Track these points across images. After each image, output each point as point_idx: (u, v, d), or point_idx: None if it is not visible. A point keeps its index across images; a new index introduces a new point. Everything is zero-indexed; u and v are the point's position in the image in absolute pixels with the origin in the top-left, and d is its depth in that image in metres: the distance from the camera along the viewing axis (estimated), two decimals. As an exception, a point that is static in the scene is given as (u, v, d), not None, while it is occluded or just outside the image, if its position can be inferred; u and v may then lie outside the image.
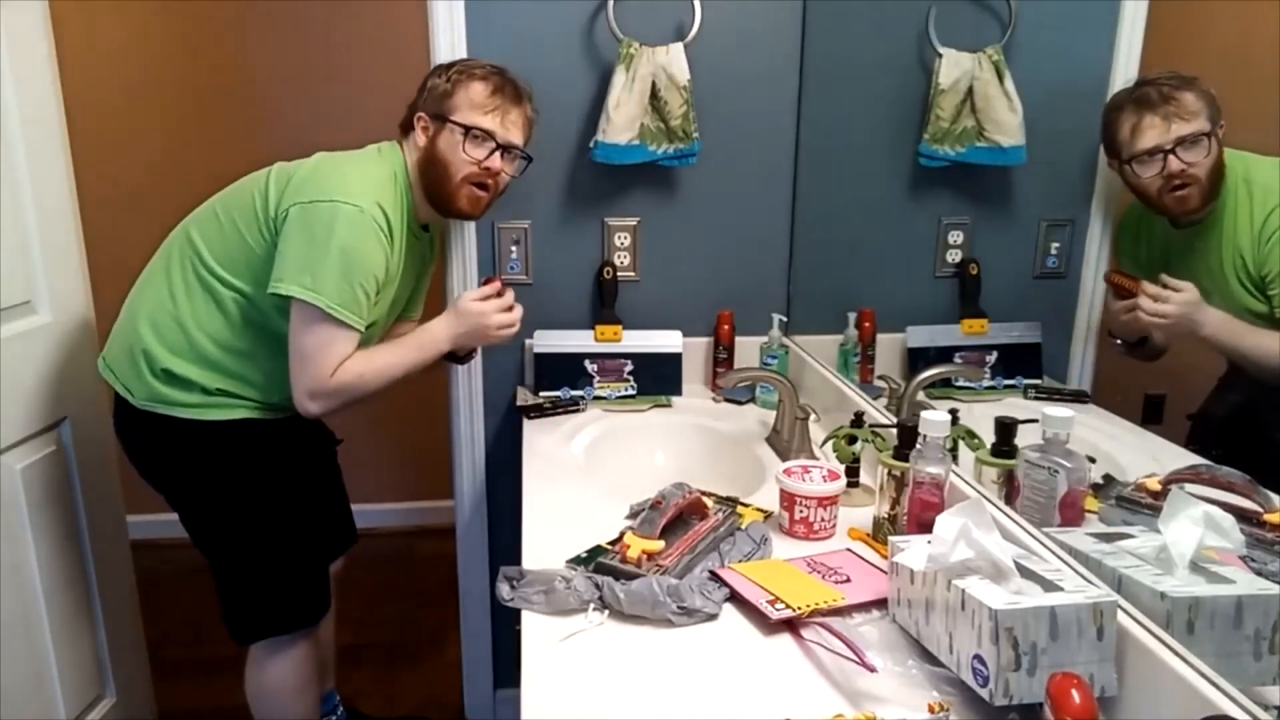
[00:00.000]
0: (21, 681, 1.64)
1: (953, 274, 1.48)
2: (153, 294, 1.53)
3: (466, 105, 1.51)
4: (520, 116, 1.56)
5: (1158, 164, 1.03)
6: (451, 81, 1.52)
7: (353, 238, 1.41)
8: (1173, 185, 1.03)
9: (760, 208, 1.93)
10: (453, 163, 1.51)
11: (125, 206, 2.78)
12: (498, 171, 1.54)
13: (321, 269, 1.40)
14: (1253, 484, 0.88)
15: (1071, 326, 1.21)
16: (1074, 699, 0.76)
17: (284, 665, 1.63)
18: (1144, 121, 1.03)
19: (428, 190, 1.55)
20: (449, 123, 1.51)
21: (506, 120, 1.53)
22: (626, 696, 0.92)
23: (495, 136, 1.51)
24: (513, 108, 1.54)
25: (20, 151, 1.62)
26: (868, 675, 0.92)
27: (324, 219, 1.41)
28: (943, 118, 1.54)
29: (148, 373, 1.51)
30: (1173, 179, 1.03)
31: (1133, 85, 1.06)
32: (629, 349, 1.89)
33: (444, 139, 1.51)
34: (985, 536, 0.92)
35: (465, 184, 1.53)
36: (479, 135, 1.51)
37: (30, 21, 1.65)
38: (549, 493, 1.42)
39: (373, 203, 1.43)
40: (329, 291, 1.41)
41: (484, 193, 1.55)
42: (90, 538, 1.81)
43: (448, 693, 2.24)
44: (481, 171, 1.52)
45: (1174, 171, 1.02)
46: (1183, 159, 1.01)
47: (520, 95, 1.56)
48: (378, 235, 1.44)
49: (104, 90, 2.74)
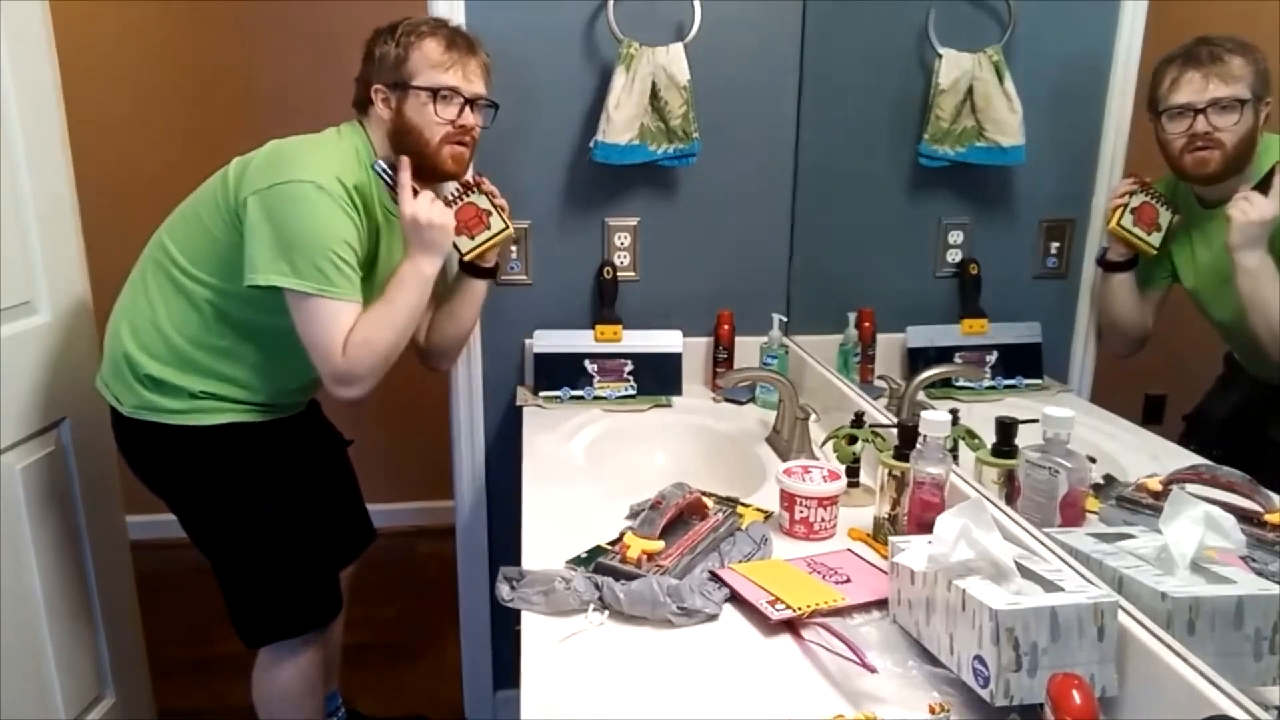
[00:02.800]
0: (21, 681, 1.64)
1: (953, 274, 1.48)
2: (131, 301, 1.54)
3: (425, 66, 1.47)
4: (478, 65, 1.52)
5: (1186, 121, 1.01)
6: (402, 45, 1.48)
7: (316, 214, 1.39)
8: (1195, 145, 1.01)
9: (760, 208, 1.93)
10: (426, 127, 1.48)
11: (125, 206, 2.78)
12: (472, 126, 1.52)
13: (294, 252, 1.38)
14: (1253, 484, 0.88)
15: (1072, 326, 1.21)
16: (1075, 699, 0.76)
17: (293, 669, 1.62)
18: (1184, 77, 1.01)
19: (414, 161, 1.50)
20: (411, 89, 1.47)
21: (468, 72, 1.49)
22: (626, 696, 0.92)
23: (461, 91, 1.48)
24: (470, 58, 1.50)
25: (20, 151, 1.61)
26: (868, 676, 0.92)
27: (284, 200, 1.39)
28: (943, 118, 1.54)
29: (133, 380, 1.51)
30: (1195, 139, 1.01)
31: (1191, 41, 1.03)
32: (629, 349, 1.89)
33: (410, 106, 1.48)
34: (986, 537, 0.92)
35: (444, 145, 1.50)
36: (446, 94, 1.47)
37: (30, 21, 1.65)
38: (549, 493, 1.42)
39: (332, 178, 1.40)
40: (307, 272, 1.38)
41: (464, 149, 1.53)
42: (90, 538, 1.81)
43: (448, 693, 2.24)
44: (457, 130, 1.49)
45: (1198, 131, 1.00)
46: (1212, 121, 0.99)
47: (473, 44, 1.53)
48: (343, 207, 1.41)
49: (104, 90, 2.74)
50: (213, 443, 1.53)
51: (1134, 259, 1.13)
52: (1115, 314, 1.17)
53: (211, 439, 1.53)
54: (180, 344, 1.50)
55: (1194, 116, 1.00)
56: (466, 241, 1.60)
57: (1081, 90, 1.20)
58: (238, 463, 1.56)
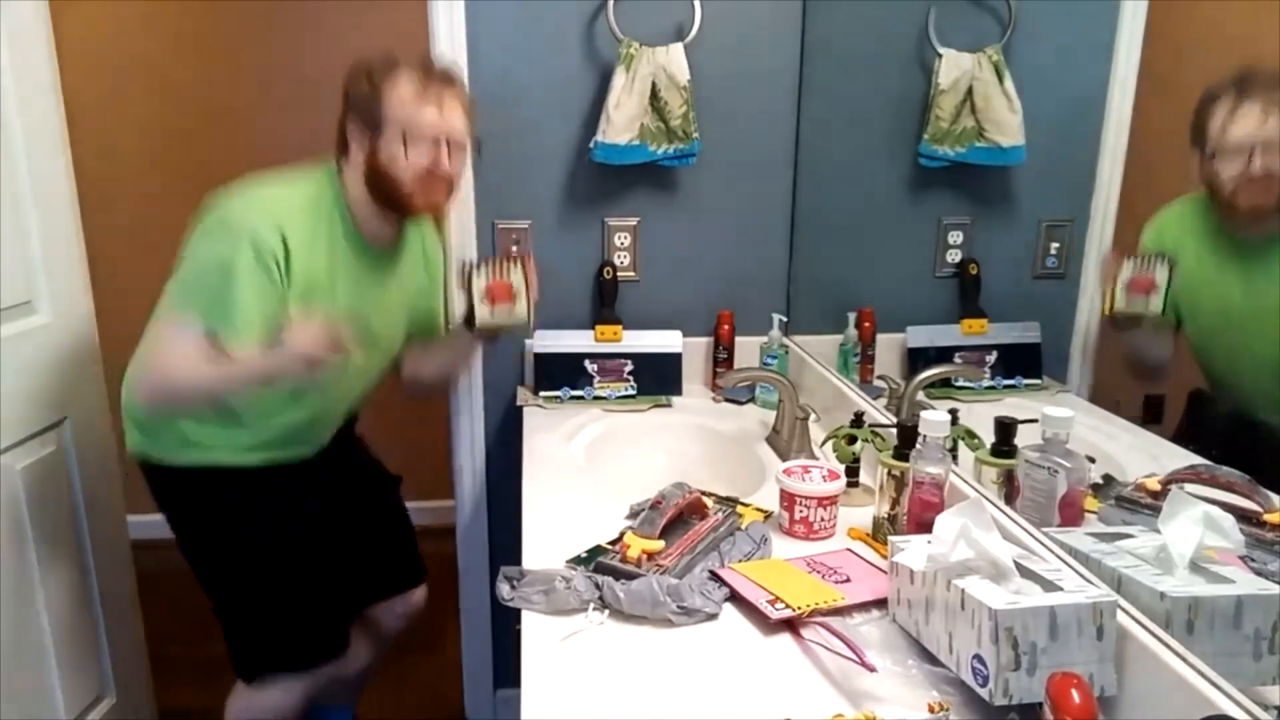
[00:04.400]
0: (22, 681, 1.64)
1: (953, 274, 1.48)
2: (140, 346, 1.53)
3: (399, 106, 1.39)
4: (456, 100, 1.43)
5: (1241, 160, 0.93)
6: (374, 85, 1.41)
7: (216, 250, 1.37)
8: (1253, 186, 0.93)
9: (760, 207, 1.94)
10: (398, 171, 1.40)
11: (125, 206, 2.78)
12: (447, 169, 1.43)
13: (192, 279, 1.39)
14: (1253, 484, 0.88)
15: (1071, 327, 1.21)
16: (1074, 699, 0.76)
17: (272, 696, 1.62)
18: (1240, 110, 0.93)
19: (386, 203, 1.45)
20: (383, 130, 1.40)
21: (444, 110, 1.41)
22: (626, 696, 0.92)
23: (438, 133, 1.40)
24: (446, 93, 1.41)
25: (20, 151, 1.61)
26: (868, 675, 0.92)
27: (199, 236, 1.39)
28: (942, 118, 1.54)
29: (129, 421, 1.55)
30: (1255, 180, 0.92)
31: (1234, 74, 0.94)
32: (629, 349, 1.89)
33: (383, 148, 1.40)
34: (985, 536, 0.92)
35: (417, 187, 1.42)
36: (419, 136, 1.39)
37: (30, 20, 1.65)
38: (549, 493, 1.42)
39: (257, 216, 1.37)
40: (184, 298, 1.39)
41: (441, 189, 1.45)
42: (90, 538, 1.81)
43: (448, 693, 2.24)
44: (430, 172, 1.41)
45: (1257, 173, 0.92)
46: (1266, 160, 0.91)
47: (450, 78, 1.45)
48: (251, 250, 1.35)
49: (105, 90, 2.74)
50: (200, 486, 1.54)
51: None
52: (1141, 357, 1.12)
53: (199, 482, 1.53)
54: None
55: (1250, 155, 0.92)
56: (485, 312, 1.52)
57: (1081, 90, 1.20)
58: (225, 506, 1.55)
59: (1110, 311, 1.08)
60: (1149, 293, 1.05)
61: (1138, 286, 1.06)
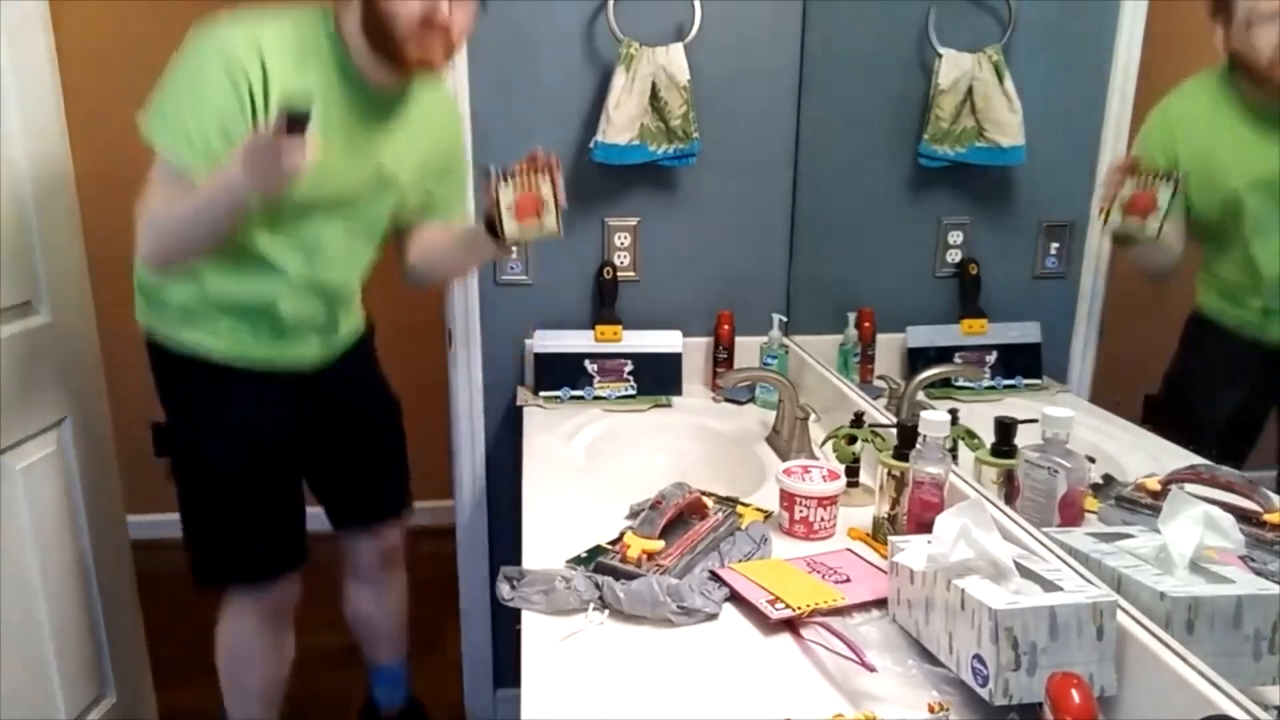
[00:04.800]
0: (21, 681, 1.64)
1: (953, 274, 1.48)
2: None
3: None
4: None
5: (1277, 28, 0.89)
6: None
7: (193, 64, 1.31)
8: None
9: (760, 207, 1.93)
10: (396, 15, 1.30)
11: (125, 206, 2.78)
12: (446, 22, 1.32)
13: (160, 99, 1.33)
14: (1253, 484, 0.88)
15: (1071, 327, 1.21)
16: (1074, 699, 0.76)
17: (232, 624, 1.63)
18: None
19: (381, 49, 1.36)
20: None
21: None
22: (626, 696, 0.92)
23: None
24: None
25: (20, 151, 1.61)
26: (868, 675, 0.92)
27: (180, 54, 1.33)
28: (942, 118, 1.54)
29: (137, 289, 1.54)
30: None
31: None
32: (629, 349, 1.89)
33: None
34: (985, 536, 0.92)
35: (412, 37, 1.32)
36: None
37: (31, 19, 1.65)
38: (549, 493, 1.42)
39: (232, 33, 1.30)
40: (156, 122, 1.33)
41: (439, 40, 1.34)
42: (90, 538, 1.81)
43: (448, 691, 2.24)
44: (428, 19, 1.31)
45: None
46: None
47: None
48: (226, 61, 1.29)
49: (105, 90, 2.73)
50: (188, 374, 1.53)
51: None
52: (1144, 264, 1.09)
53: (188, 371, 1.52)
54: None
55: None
56: (513, 226, 1.42)
57: (1081, 90, 1.20)
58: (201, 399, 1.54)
59: (1105, 226, 1.06)
60: (1147, 214, 1.02)
61: (1136, 205, 1.03)
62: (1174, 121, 1.06)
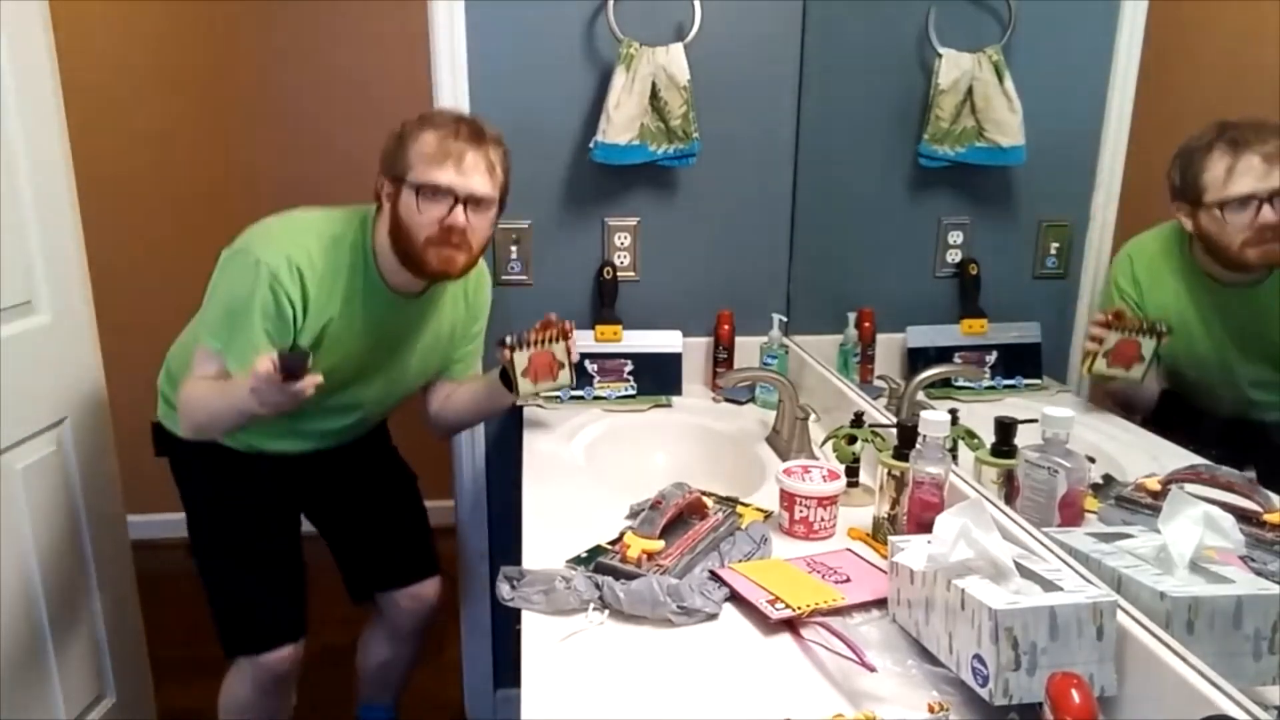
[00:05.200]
0: (21, 681, 1.64)
1: (953, 274, 1.48)
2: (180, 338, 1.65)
3: (419, 161, 1.38)
4: (481, 159, 1.40)
5: (1250, 212, 0.93)
6: (401, 138, 1.42)
7: (236, 285, 1.41)
8: (1262, 239, 0.94)
9: (760, 207, 1.93)
10: (412, 226, 1.39)
11: (125, 206, 2.78)
12: (463, 228, 1.39)
13: (208, 311, 1.46)
14: (1253, 484, 0.88)
15: (1071, 327, 1.21)
16: (1074, 699, 0.76)
17: (234, 683, 1.68)
18: (1240, 164, 0.94)
19: (403, 259, 1.44)
20: (404, 184, 1.39)
21: (463, 168, 1.38)
22: (626, 696, 0.92)
23: (454, 191, 1.37)
24: (469, 151, 1.39)
25: (20, 151, 1.61)
26: (868, 675, 0.92)
27: (223, 267, 1.44)
28: (942, 118, 1.54)
29: (160, 395, 1.65)
30: (1265, 231, 0.93)
31: (1214, 128, 0.96)
32: (629, 349, 1.89)
33: (403, 202, 1.40)
34: (985, 536, 0.92)
35: (430, 246, 1.40)
36: (433, 192, 1.37)
37: (30, 20, 1.65)
38: (549, 493, 1.42)
39: (279, 256, 1.39)
40: (207, 326, 1.45)
41: (456, 251, 1.41)
42: (90, 538, 1.81)
43: (448, 692, 2.24)
44: (443, 231, 1.39)
45: (1267, 223, 0.92)
46: (1278, 210, 0.92)
47: (480, 135, 1.42)
48: (270, 284, 1.38)
49: (105, 89, 2.74)
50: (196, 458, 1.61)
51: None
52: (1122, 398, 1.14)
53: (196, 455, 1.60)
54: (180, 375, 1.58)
55: (1259, 207, 0.92)
56: (528, 385, 1.53)
57: (1081, 90, 1.20)
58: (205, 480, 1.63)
59: (1089, 372, 1.10)
60: (1131, 363, 1.07)
61: (1123, 353, 1.07)
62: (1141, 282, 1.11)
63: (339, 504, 1.79)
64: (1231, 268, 1.00)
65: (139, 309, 2.46)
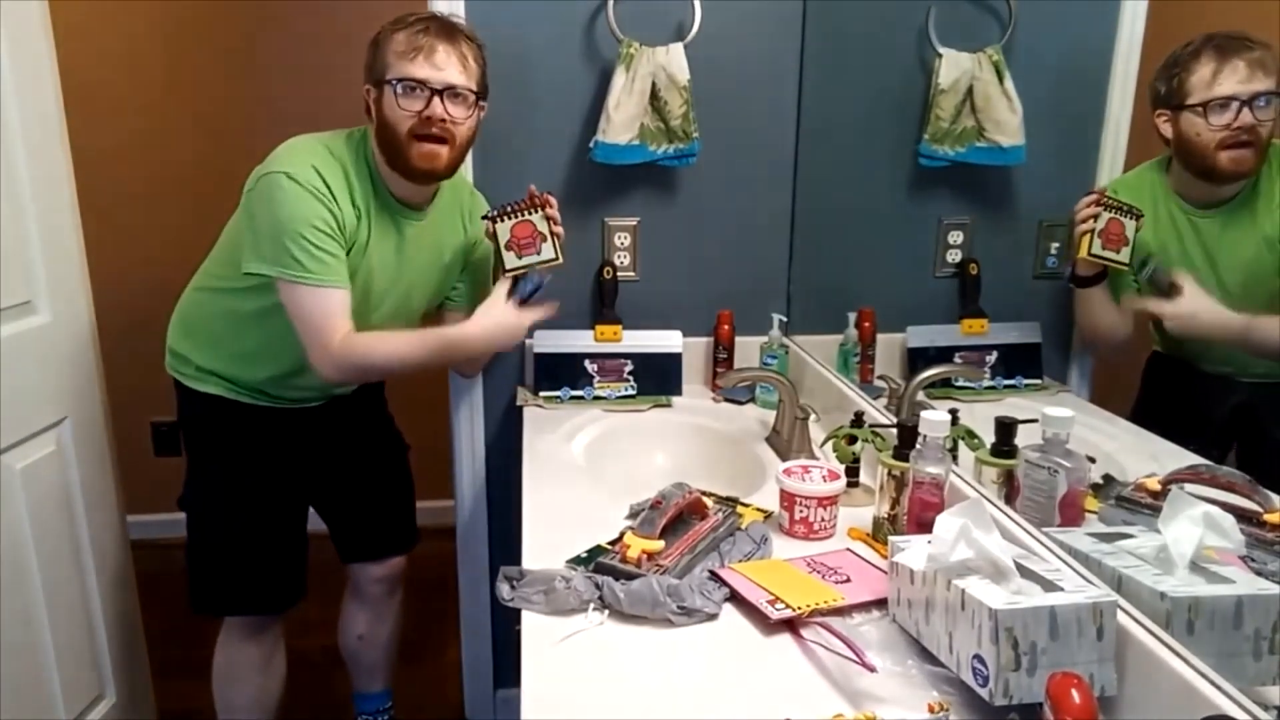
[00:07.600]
0: (21, 681, 1.64)
1: (953, 274, 1.48)
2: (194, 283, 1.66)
3: (394, 59, 1.41)
4: (453, 53, 1.42)
5: (1229, 114, 0.95)
6: (377, 43, 1.45)
7: (285, 202, 1.40)
8: (1236, 140, 0.96)
9: (760, 208, 1.94)
10: (394, 121, 1.42)
11: (125, 206, 2.78)
12: (442, 118, 1.42)
13: (272, 243, 1.42)
14: (1253, 484, 0.88)
15: (1071, 327, 1.21)
16: (1074, 699, 0.76)
17: (223, 651, 1.71)
18: (1227, 66, 0.95)
19: (391, 161, 1.47)
20: (383, 84, 1.42)
21: (435, 60, 1.40)
22: (626, 696, 0.92)
23: (429, 83, 1.40)
24: (441, 44, 1.41)
25: (20, 151, 1.61)
26: (868, 675, 0.92)
27: (260, 193, 1.43)
28: (943, 118, 1.54)
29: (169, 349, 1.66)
30: (1240, 133, 0.95)
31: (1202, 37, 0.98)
32: (629, 349, 1.89)
33: (385, 102, 1.43)
34: (985, 536, 0.92)
35: (411, 140, 1.42)
36: (410, 85, 1.40)
37: (30, 20, 1.65)
38: (549, 493, 1.42)
39: (304, 166, 1.41)
40: (282, 259, 1.41)
41: (437, 145, 1.43)
42: (90, 538, 1.81)
43: (448, 692, 2.24)
44: (423, 122, 1.41)
45: (1244, 124, 0.94)
46: (1256, 114, 0.94)
47: (451, 30, 1.44)
48: (312, 193, 1.40)
49: (105, 88, 2.74)
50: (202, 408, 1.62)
51: (1104, 271, 1.13)
52: (1094, 324, 1.17)
53: (203, 404, 1.61)
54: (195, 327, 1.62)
55: (1239, 109, 0.94)
56: (513, 259, 1.58)
57: (1081, 90, 1.20)
58: (206, 432, 1.64)
59: (1086, 254, 1.11)
60: (1119, 244, 1.08)
61: (1111, 233, 1.09)
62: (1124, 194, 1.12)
63: (332, 470, 1.77)
64: (1205, 177, 1.02)
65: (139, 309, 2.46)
